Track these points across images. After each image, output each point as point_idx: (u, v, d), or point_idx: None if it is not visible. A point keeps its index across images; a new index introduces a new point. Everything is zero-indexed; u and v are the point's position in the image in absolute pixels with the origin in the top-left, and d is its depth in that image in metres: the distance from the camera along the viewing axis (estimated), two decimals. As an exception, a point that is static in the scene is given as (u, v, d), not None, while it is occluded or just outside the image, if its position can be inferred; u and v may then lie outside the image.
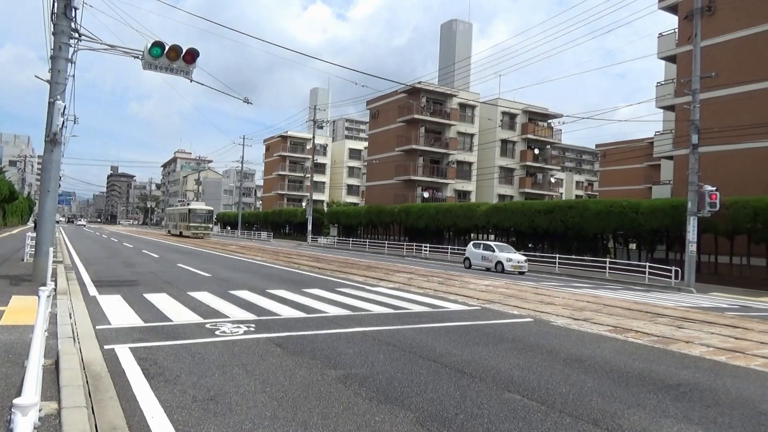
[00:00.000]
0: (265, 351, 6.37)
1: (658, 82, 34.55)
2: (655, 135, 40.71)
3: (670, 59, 32.62)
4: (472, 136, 54.03)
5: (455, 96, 52.88)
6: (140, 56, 12.28)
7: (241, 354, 6.17)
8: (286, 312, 9.25)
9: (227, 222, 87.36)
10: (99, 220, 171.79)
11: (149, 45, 11.97)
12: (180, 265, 18.66)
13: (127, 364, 5.51)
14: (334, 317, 9.00)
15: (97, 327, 7.26)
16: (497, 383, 5.41)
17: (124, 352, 5.99)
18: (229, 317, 8.47)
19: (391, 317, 9.31)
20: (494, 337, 7.94)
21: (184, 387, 4.85)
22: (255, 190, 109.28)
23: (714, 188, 20.16)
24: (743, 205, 22.24)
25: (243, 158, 72.11)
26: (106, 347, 6.14)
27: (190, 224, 51.59)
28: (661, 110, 36.17)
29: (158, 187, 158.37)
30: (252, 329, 7.58)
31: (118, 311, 8.62)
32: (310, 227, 52.91)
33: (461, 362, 6.24)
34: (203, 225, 52.25)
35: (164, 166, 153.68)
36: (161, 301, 9.86)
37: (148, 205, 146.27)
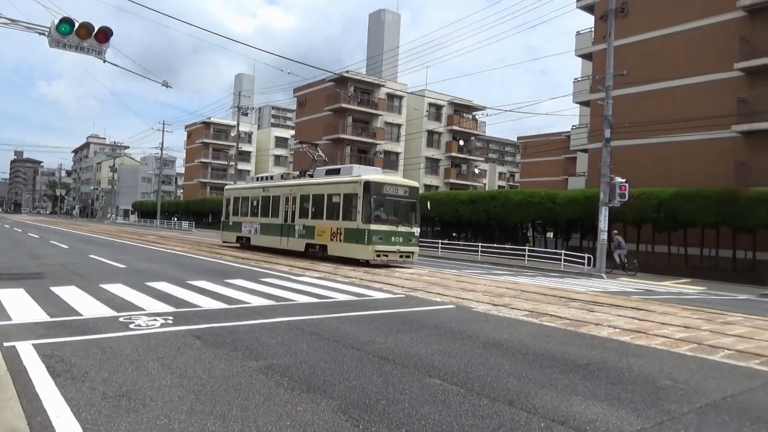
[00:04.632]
0: (184, 344, 6.16)
1: (575, 79, 36.21)
2: (571, 129, 42.73)
3: (587, 57, 34.20)
4: (399, 126, 54.51)
5: (383, 86, 53.08)
6: (46, 33, 11.45)
7: (158, 347, 5.92)
8: (207, 303, 8.98)
9: (145, 211, 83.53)
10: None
11: (56, 21, 11.18)
12: (92, 256, 17.66)
13: (30, 362, 5.15)
14: (257, 308, 8.83)
15: (-4, 323, 6.73)
16: (419, 369, 5.51)
17: (26, 349, 5.59)
18: (145, 310, 8.11)
19: (316, 307, 9.26)
20: (417, 324, 8.08)
21: (93, 384, 4.60)
22: (176, 178, 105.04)
23: (623, 180, 21.41)
24: (649, 197, 23.81)
25: (162, 144, 69.11)
26: (6, 344, 5.71)
27: (371, 226, 17.94)
28: (578, 105, 38.01)
29: (69, 174, 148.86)
30: (170, 322, 7.30)
31: (21, 306, 8.03)
32: (234, 217, 51.45)
33: (384, 349, 6.30)
34: (404, 231, 18.86)
35: (76, 151, 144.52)
36: (70, 294, 9.29)
37: (58, 193, 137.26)
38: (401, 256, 18.73)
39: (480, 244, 28.45)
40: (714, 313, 10.96)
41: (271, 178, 25.60)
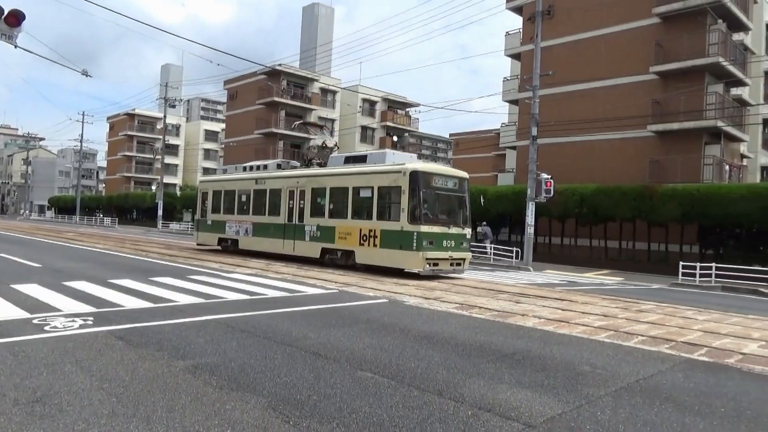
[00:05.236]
0: (105, 345, 5.88)
1: (504, 78, 37.31)
2: (501, 127, 44.03)
3: (516, 57, 35.25)
4: (333, 121, 54.22)
5: (316, 80, 52.64)
6: (-53, 13, 10.58)
7: (76, 350, 5.62)
8: (131, 303, 8.61)
9: (63, 207, 78.86)
10: None
11: (-41, 1, 10.36)
12: (3, 255, 16.52)
13: (-70, 369, 4.77)
14: (184, 306, 8.56)
15: None
16: (351, 363, 5.53)
17: (-75, 356, 5.17)
18: (62, 311, 7.67)
19: (247, 303, 9.09)
20: (350, 318, 8.10)
21: (3, 390, 4.31)
22: (97, 172, 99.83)
23: (549, 176, 22.30)
24: (572, 192, 24.93)
25: (82, 136, 65.42)
26: None
27: (421, 228, 14.17)
28: (507, 104, 39.17)
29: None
30: (90, 323, 6.94)
31: None
32: (160, 212, 49.68)
33: (316, 345, 6.28)
34: (455, 233, 15.15)
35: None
36: (-22, 295, 8.65)
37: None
38: (452, 264, 15.12)
39: (413, 238, 28.76)
40: (630, 302, 11.65)
41: (265, 167, 21.33)
